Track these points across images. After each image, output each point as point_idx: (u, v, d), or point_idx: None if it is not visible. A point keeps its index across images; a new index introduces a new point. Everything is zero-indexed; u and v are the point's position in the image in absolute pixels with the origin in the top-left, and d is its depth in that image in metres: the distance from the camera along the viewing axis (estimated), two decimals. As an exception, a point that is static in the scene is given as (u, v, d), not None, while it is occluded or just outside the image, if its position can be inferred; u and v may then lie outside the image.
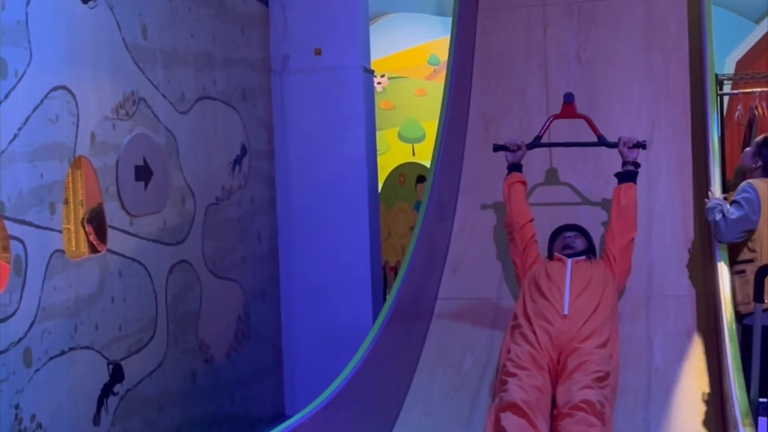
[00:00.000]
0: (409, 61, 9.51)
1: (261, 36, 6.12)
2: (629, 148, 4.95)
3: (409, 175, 8.39)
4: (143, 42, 4.71)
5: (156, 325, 4.76)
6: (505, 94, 6.04)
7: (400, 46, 9.46)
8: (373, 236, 6.25)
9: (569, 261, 4.73)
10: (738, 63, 9.28)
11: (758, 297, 3.97)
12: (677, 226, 5.29)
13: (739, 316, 4.56)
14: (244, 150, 5.79)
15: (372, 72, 6.45)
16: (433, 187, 5.40)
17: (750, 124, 6.15)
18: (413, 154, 9.32)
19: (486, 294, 5.28)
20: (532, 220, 4.99)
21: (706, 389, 4.39)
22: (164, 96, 4.89)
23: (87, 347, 4.19)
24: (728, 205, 4.66)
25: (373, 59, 6.57)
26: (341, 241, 6.17)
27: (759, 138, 4.96)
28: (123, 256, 4.49)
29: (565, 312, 4.40)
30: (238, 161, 5.70)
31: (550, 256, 4.93)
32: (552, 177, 5.61)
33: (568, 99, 5.16)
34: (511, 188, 5.03)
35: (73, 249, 4.13)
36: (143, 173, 4.66)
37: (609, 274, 4.72)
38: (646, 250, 5.22)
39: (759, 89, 6.28)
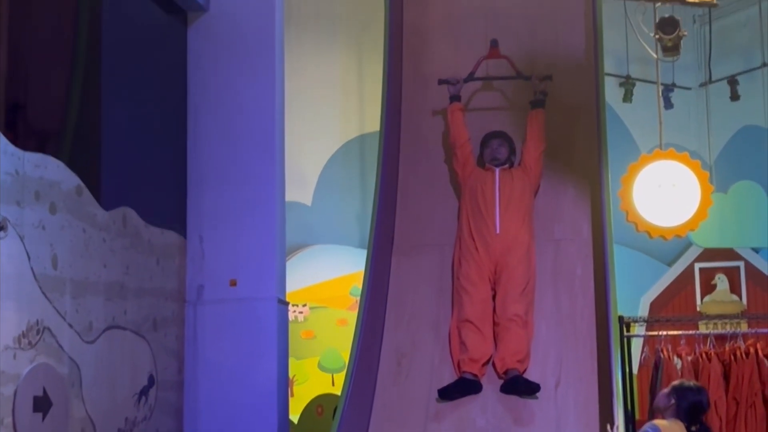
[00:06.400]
0: (331, 292, 9.59)
1: (177, 266, 6.18)
2: (539, 80, 6.39)
3: (327, 407, 8.30)
4: (53, 272, 4.73)
5: None
6: (418, 329, 6.10)
7: (322, 277, 9.57)
8: (283, 471, 6.12)
9: (497, 171, 6.07)
10: (652, 304, 9.54)
11: None
12: (584, 468, 5.28)
13: None
14: (151, 381, 5.72)
15: (287, 304, 6.51)
16: (340, 426, 5.35)
17: (656, 367, 6.27)
18: (333, 384, 9.27)
19: None
20: (469, 139, 6.28)
21: None
22: (70, 325, 4.87)
23: None
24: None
25: (295, 289, 6.63)
26: (249, 476, 6.02)
27: (676, 382, 5.06)
28: (12, 491, 4.33)
29: (497, 231, 5.88)
30: (144, 392, 5.62)
31: (482, 163, 6.23)
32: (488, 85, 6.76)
33: (494, 44, 6.59)
34: (453, 114, 6.37)
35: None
36: (42, 404, 4.57)
37: (526, 179, 6.11)
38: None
39: (664, 332, 6.43)
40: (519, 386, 5.62)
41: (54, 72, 5.34)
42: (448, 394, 5.67)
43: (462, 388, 5.67)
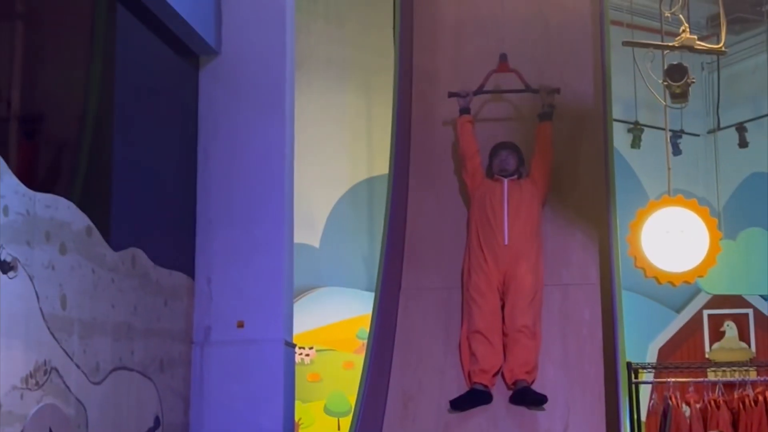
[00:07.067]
0: (337, 334, 9.60)
1: (184, 307, 6.18)
2: (547, 93, 6.51)
3: (332, 451, 8.27)
4: (61, 312, 4.74)
5: None
6: (425, 373, 6.09)
7: (329, 319, 9.58)
8: None
9: (506, 181, 6.16)
10: (660, 350, 9.51)
11: None
12: None
13: None
14: (157, 422, 5.70)
15: (293, 346, 6.50)
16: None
17: (665, 414, 6.24)
18: (338, 428, 9.24)
19: None
20: (478, 150, 6.40)
21: None
22: (78, 366, 4.87)
23: None
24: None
25: (302, 331, 6.61)
26: None
27: None
28: None
29: (506, 242, 5.97)
30: (150, 433, 5.61)
31: (491, 173, 6.31)
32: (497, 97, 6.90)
33: (503, 58, 6.78)
34: (463, 126, 6.50)
35: None
36: (48, 445, 4.56)
37: (535, 191, 6.20)
38: None
39: (672, 379, 6.41)
40: (527, 398, 5.75)
41: (66, 113, 5.39)
42: (459, 404, 5.79)
43: (473, 398, 5.81)
